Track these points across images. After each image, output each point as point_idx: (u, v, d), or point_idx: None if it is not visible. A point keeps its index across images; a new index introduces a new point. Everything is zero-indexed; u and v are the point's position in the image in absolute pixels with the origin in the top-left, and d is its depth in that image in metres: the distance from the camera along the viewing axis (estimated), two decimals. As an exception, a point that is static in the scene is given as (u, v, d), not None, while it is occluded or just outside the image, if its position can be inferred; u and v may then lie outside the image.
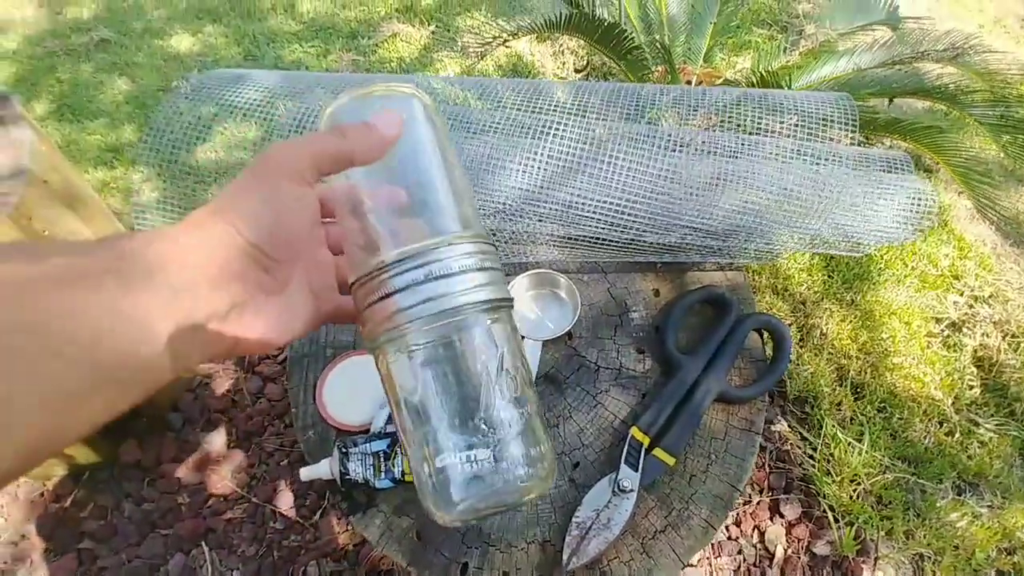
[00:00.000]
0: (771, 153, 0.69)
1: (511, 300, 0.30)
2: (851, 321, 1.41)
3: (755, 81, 1.07)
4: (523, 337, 0.67)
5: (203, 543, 1.13)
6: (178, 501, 1.18)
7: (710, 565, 1.11)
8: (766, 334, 0.71)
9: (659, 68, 1.27)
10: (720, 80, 1.37)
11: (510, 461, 0.27)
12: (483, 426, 0.27)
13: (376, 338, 0.28)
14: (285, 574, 1.10)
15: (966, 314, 1.43)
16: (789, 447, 1.24)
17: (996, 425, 1.26)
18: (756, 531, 1.16)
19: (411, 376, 0.28)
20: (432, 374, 0.27)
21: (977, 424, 1.26)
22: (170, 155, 0.82)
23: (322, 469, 0.61)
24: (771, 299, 1.45)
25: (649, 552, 0.58)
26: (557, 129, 0.70)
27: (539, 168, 0.68)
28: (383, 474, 0.60)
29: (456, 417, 0.27)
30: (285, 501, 1.18)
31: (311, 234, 0.29)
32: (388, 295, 0.27)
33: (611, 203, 0.67)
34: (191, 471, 1.21)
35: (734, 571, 1.11)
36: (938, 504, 1.16)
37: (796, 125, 0.69)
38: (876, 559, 1.12)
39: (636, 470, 0.59)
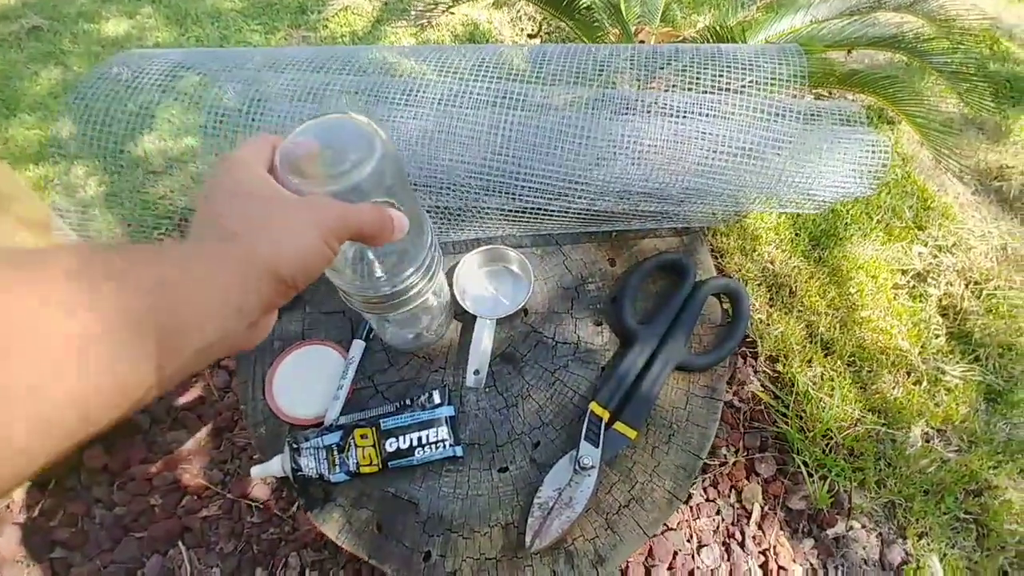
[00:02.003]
0: (723, 111, 0.66)
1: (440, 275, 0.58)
2: (819, 278, 1.42)
3: (711, 40, 1.04)
4: (476, 317, 0.65)
5: (180, 543, 1.12)
6: (151, 503, 1.16)
7: (689, 528, 1.13)
8: (724, 298, 0.70)
9: (615, 29, 1.23)
10: (679, 39, 1.34)
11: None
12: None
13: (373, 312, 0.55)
14: (266, 567, 1.09)
15: (931, 264, 1.45)
16: (762, 407, 1.25)
17: (962, 371, 1.28)
18: (733, 491, 1.17)
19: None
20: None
21: (943, 372, 1.28)
22: (114, 145, 0.77)
23: (273, 467, 0.59)
24: (739, 260, 1.45)
25: (614, 528, 0.57)
26: (503, 98, 0.66)
27: (486, 140, 0.65)
28: (337, 467, 0.58)
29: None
30: (261, 494, 1.16)
31: None
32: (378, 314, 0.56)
33: (561, 171, 0.64)
34: (162, 471, 1.19)
35: (713, 531, 1.13)
36: (907, 452, 1.18)
37: (749, 82, 0.67)
38: (849, 510, 1.14)
39: (597, 446, 0.58)
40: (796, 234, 1.50)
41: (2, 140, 1.69)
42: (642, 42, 1.28)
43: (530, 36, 1.79)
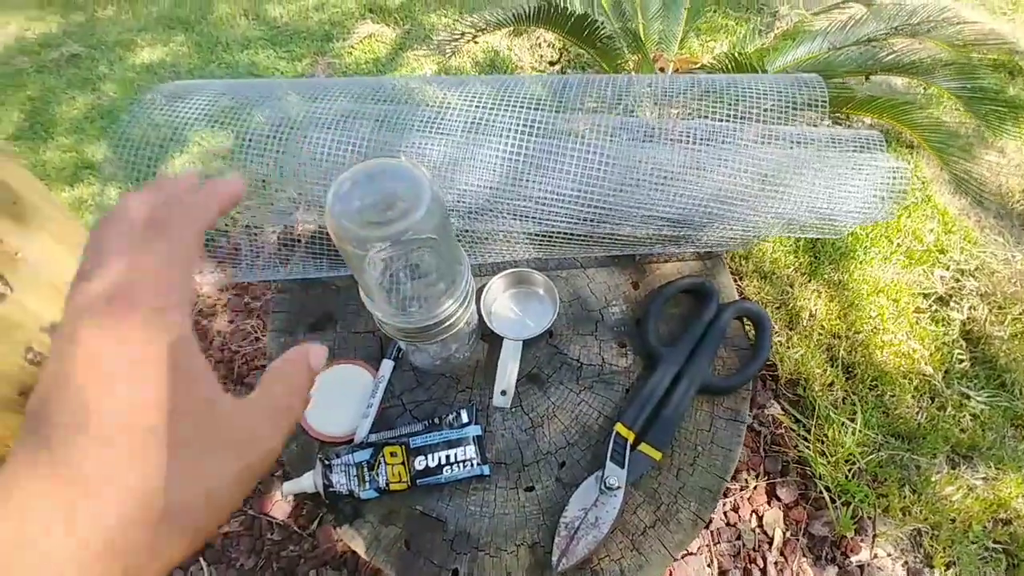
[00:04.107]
0: (744, 139, 0.68)
1: (473, 300, 0.59)
2: (839, 301, 1.41)
3: (730, 66, 1.06)
4: (503, 338, 0.67)
5: (200, 559, 1.13)
6: (172, 519, 1.17)
7: (710, 552, 1.11)
8: (747, 321, 0.71)
9: (635, 57, 1.26)
10: (697, 66, 1.37)
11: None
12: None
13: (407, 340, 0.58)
14: (285, 585, 1.10)
15: (953, 288, 1.44)
16: (783, 430, 1.24)
17: (987, 397, 1.26)
18: (754, 516, 1.16)
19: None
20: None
21: (968, 397, 1.26)
22: (148, 169, 0.81)
23: (305, 483, 0.60)
24: (758, 283, 1.45)
25: (639, 548, 0.57)
26: (528, 124, 0.69)
27: (511, 165, 0.67)
28: (367, 484, 0.59)
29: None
30: (281, 511, 1.17)
31: None
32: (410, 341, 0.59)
33: (585, 197, 0.66)
34: (185, 487, 1.20)
35: (734, 557, 1.12)
36: (933, 479, 1.16)
37: (768, 109, 0.69)
38: (874, 537, 1.12)
39: (622, 467, 0.59)
40: (815, 257, 1.50)
41: (39, 162, 1.76)
42: (661, 69, 1.31)
43: (551, 63, 1.83)
